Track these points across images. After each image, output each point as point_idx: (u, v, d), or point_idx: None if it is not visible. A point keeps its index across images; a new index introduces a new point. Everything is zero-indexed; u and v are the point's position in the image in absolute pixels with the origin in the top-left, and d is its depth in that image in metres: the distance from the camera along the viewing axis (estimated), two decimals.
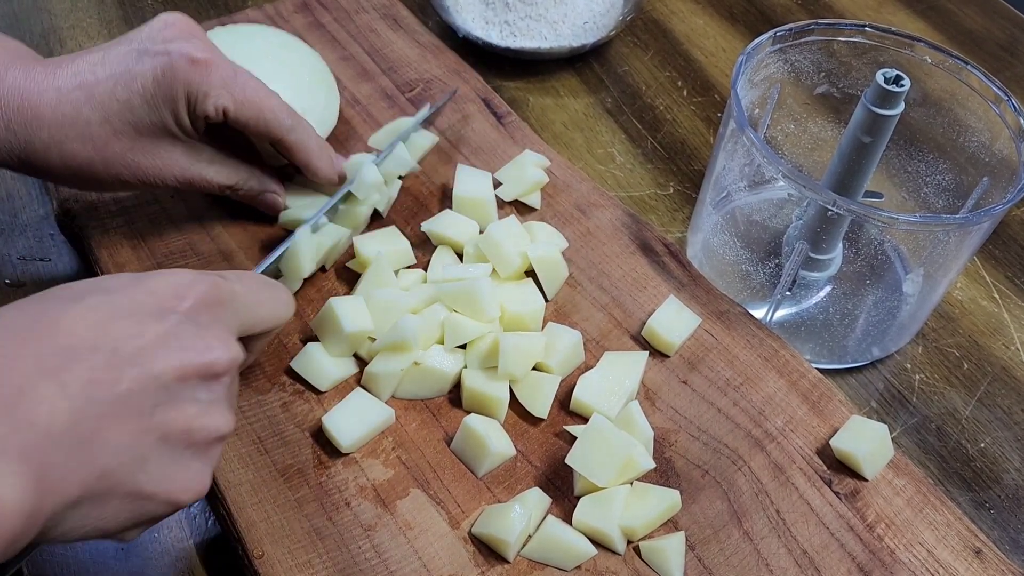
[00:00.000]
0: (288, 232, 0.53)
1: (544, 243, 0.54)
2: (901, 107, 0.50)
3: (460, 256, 0.55)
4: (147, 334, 0.33)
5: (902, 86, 0.49)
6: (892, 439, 0.47)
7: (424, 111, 0.61)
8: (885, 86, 0.49)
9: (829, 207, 0.48)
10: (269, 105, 0.50)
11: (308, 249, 0.51)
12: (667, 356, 0.51)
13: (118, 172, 0.48)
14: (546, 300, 0.53)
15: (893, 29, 0.56)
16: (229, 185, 0.52)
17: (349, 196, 0.55)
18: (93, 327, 0.32)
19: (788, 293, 0.55)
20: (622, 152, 0.69)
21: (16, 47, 0.47)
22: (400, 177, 0.59)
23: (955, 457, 0.52)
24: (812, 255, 0.56)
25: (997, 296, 0.61)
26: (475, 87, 0.67)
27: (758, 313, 0.56)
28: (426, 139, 0.61)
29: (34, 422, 0.29)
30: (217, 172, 0.51)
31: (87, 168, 0.47)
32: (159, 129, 0.48)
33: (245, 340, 0.40)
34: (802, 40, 0.56)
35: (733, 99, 0.51)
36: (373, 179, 0.54)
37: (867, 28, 0.56)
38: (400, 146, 0.58)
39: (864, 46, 0.57)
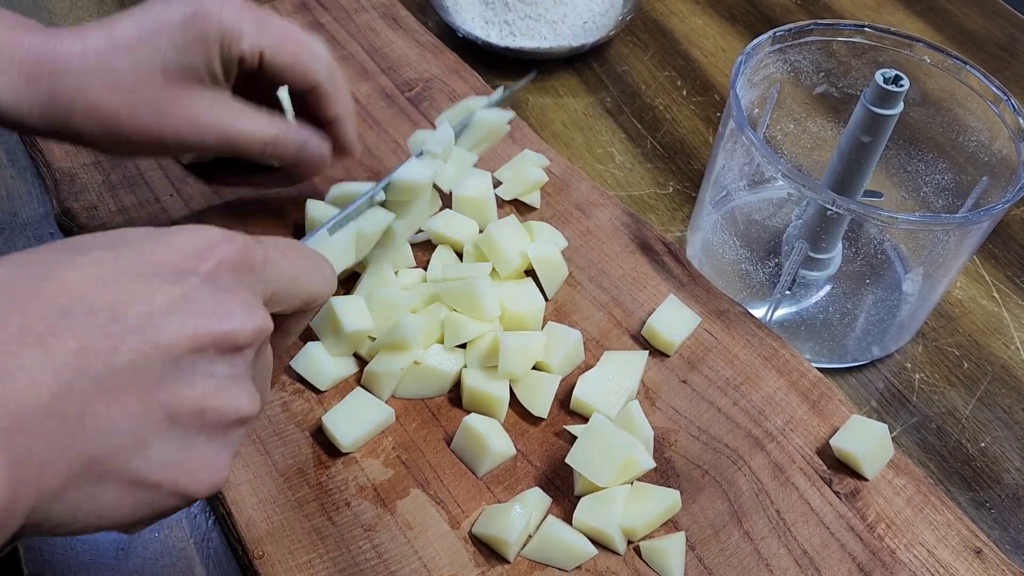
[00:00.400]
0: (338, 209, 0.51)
1: (544, 242, 0.54)
2: (900, 107, 0.50)
3: (460, 256, 0.55)
4: (157, 297, 0.28)
5: (901, 86, 0.49)
6: (892, 438, 0.47)
7: (498, 93, 0.58)
8: (884, 86, 0.49)
9: (829, 206, 0.48)
10: (308, 46, 0.47)
11: (379, 222, 0.49)
12: (667, 355, 0.51)
13: (147, 123, 0.45)
14: (546, 299, 0.53)
15: (892, 29, 0.56)
16: (271, 138, 0.48)
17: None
18: (93, 285, 0.28)
19: (788, 292, 0.55)
20: (622, 151, 0.69)
21: (35, 24, 0.45)
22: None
23: (955, 457, 0.52)
24: (812, 254, 0.56)
25: (997, 295, 0.61)
26: (474, 86, 0.67)
27: (758, 312, 0.56)
28: (500, 116, 0.56)
29: (10, 397, 0.25)
30: (257, 123, 0.47)
31: (113, 120, 0.44)
32: (188, 74, 0.45)
33: (279, 317, 0.36)
34: (801, 40, 0.56)
35: (732, 99, 0.51)
36: (448, 136, 0.51)
37: (866, 28, 0.56)
38: (479, 115, 0.55)
39: (863, 46, 0.57)
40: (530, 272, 0.54)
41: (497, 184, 0.59)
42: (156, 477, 0.29)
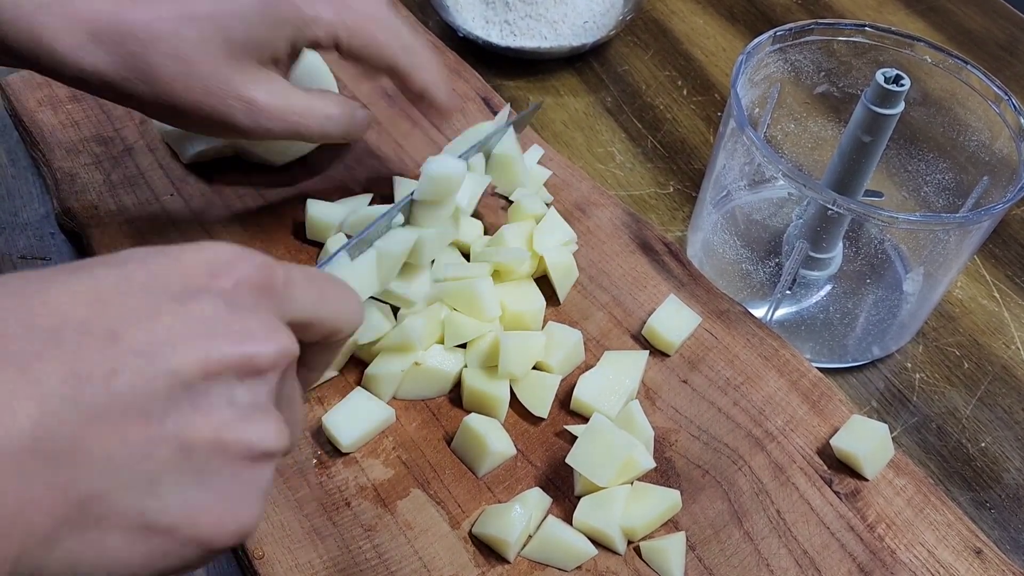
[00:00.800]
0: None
1: (553, 238, 0.53)
2: (901, 106, 0.50)
3: (467, 257, 0.55)
4: (163, 315, 0.25)
5: (902, 85, 0.49)
6: (892, 438, 0.47)
7: (503, 113, 0.57)
8: (885, 85, 0.49)
9: (829, 206, 0.48)
10: (383, 26, 0.47)
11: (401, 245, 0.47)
12: (667, 355, 0.51)
13: (198, 98, 0.44)
14: (559, 302, 0.53)
15: (893, 29, 0.56)
16: (327, 113, 0.47)
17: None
18: (88, 304, 0.24)
19: (788, 292, 0.55)
20: (622, 151, 0.69)
21: None
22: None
23: (956, 457, 0.52)
24: (812, 254, 0.56)
25: (997, 295, 0.61)
26: (475, 86, 0.67)
27: (758, 312, 0.56)
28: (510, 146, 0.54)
29: None
30: (313, 100, 0.47)
31: (167, 88, 0.44)
32: (251, 53, 0.44)
33: (304, 349, 0.32)
34: (802, 40, 0.56)
35: (733, 98, 0.50)
36: (449, 171, 0.48)
37: (867, 28, 0.56)
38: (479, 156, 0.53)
39: (864, 46, 0.57)
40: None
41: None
42: (169, 520, 0.25)
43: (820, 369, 0.52)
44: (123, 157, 0.59)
